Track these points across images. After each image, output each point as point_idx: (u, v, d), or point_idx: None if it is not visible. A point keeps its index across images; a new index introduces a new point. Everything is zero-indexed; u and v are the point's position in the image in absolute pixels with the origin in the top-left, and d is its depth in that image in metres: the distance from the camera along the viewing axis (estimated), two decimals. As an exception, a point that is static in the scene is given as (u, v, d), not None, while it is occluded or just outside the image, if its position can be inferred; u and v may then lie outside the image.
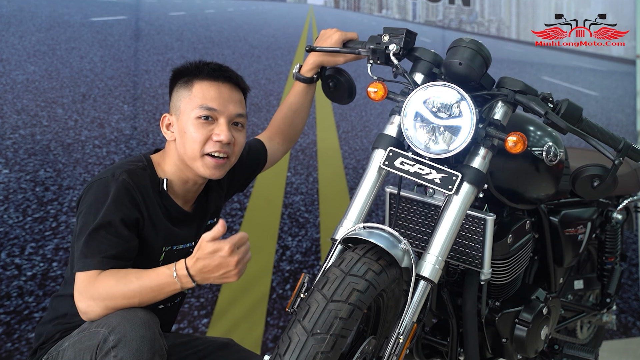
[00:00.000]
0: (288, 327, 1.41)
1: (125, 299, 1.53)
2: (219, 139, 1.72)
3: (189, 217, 1.82)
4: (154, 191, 1.72)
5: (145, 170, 1.72)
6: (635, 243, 4.06)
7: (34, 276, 2.72)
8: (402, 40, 1.74)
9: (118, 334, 1.45)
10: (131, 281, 1.55)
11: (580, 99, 4.03)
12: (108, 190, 1.63)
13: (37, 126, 2.79)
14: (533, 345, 1.97)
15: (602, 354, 2.68)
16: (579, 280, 2.46)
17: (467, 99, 1.58)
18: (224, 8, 3.31)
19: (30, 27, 2.83)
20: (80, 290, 1.56)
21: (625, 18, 4.07)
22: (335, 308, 1.38)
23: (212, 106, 1.73)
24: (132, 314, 1.50)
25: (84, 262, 1.58)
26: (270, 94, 3.26)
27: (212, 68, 1.77)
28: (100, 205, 1.61)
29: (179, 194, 1.79)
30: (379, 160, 1.67)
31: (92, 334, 1.50)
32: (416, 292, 1.52)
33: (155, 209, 1.70)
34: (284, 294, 3.17)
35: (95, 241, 1.59)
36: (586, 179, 1.71)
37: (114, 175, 1.65)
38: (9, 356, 2.65)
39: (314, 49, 1.93)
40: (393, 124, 1.72)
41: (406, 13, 3.71)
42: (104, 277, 1.56)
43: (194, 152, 1.72)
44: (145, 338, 1.45)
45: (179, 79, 1.79)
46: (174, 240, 1.77)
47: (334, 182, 3.35)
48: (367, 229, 1.54)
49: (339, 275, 1.43)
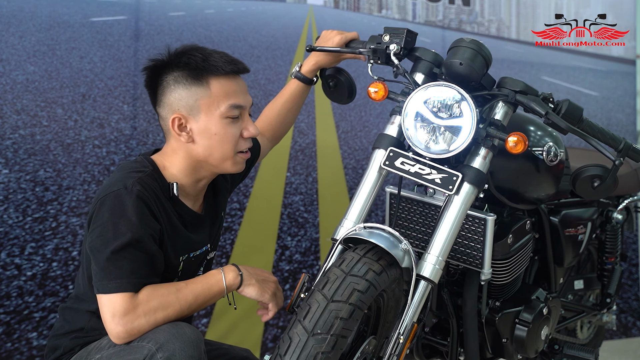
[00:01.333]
0: (289, 327, 1.41)
1: (177, 308, 1.51)
2: (250, 134, 1.69)
3: (201, 219, 1.75)
4: (165, 197, 1.62)
5: (153, 176, 1.62)
6: (635, 243, 4.06)
7: (34, 276, 2.71)
8: (402, 40, 1.73)
9: (167, 352, 1.41)
10: (181, 288, 1.53)
11: (580, 99, 4.03)
12: (124, 204, 1.52)
13: (37, 126, 2.78)
14: (533, 345, 1.98)
15: (602, 354, 2.68)
16: (579, 280, 2.46)
17: (468, 99, 1.58)
18: (223, 8, 3.31)
19: (30, 27, 2.83)
20: (120, 313, 1.46)
21: (625, 18, 4.07)
22: (336, 308, 1.38)
23: (239, 103, 1.67)
24: (180, 331, 1.45)
25: (116, 284, 1.48)
26: (269, 94, 3.26)
27: (226, 61, 1.67)
28: (119, 221, 1.51)
29: (190, 196, 1.71)
30: (379, 160, 1.67)
31: (135, 349, 1.44)
32: (416, 292, 1.52)
33: (170, 217, 1.62)
34: (284, 294, 3.17)
35: (124, 260, 1.49)
36: (586, 179, 1.71)
37: (126, 187, 1.53)
38: (9, 356, 2.65)
39: (315, 49, 1.93)
40: (393, 124, 1.71)
41: (406, 13, 3.71)
42: (149, 291, 1.50)
43: (227, 152, 1.65)
44: (194, 358, 1.43)
45: (177, 72, 1.65)
46: (192, 247, 1.70)
47: (334, 182, 3.35)
48: (367, 229, 1.54)
49: (340, 275, 1.43)
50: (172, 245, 1.62)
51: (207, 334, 2.99)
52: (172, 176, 1.66)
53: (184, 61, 1.65)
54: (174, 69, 1.65)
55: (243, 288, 1.61)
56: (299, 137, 3.30)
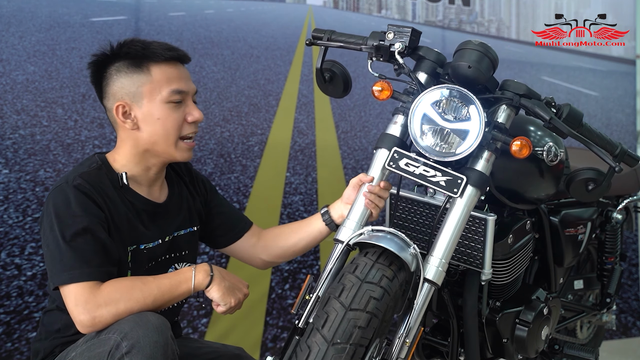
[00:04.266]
0: (306, 335, 1.39)
1: (141, 300, 1.53)
2: (194, 119, 1.72)
3: (161, 208, 1.78)
4: (114, 188, 1.67)
5: (100, 169, 1.67)
6: (635, 243, 4.06)
7: (34, 276, 2.71)
8: (408, 39, 1.70)
9: (131, 339, 1.43)
10: (148, 281, 1.56)
11: (580, 99, 4.04)
12: (67, 197, 1.57)
13: (37, 126, 2.78)
14: (533, 345, 1.98)
15: (602, 354, 2.68)
16: (579, 280, 2.46)
17: (477, 103, 1.57)
18: (223, 8, 3.31)
19: (30, 27, 2.83)
20: (82, 302, 1.50)
21: (625, 18, 4.07)
22: (354, 317, 1.37)
23: (181, 88, 1.70)
24: (143, 319, 1.47)
25: (71, 274, 1.52)
26: (269, 94, 3.26)
27: (165, 48, 1.71)
28: (64, 213, 1.56)
29: (142, 183, 1.74)
30: (382, 160, 1.66)
31: (102, 341, 1.47)
32: (421, 295, 1.52)
33: (117, 208, 1.65)
34: (283, 294, 3.17)
35: (77, 251, 1.53)
36: (581, 182, 1.73)
37: (67, 181, 1.60)
38: (9, 356, 2.65)
39: (315, 43, 1.87)
40: (396, 124, 1.70)
41: (406, 13, 3.71)
42: (113, 282, 1.54)
43: (170, 137, 1.69)
44: (159, 343, 1.44)
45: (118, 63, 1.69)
46: (140, 238, 1.70)
47: (333, 182, 3.35)
48: (375, 232, 1.53)
49: (356, 282, 1.41)
50: (118, 234, 1.64)
51: (206, 334, 2.99)
52: (121, 167, 1.71)
53: (124, 51, 1.70)
54: (115, 61, 1.70)
55: (210, 289, 1.63)
56: (298, 137, 3.30)
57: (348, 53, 1.91)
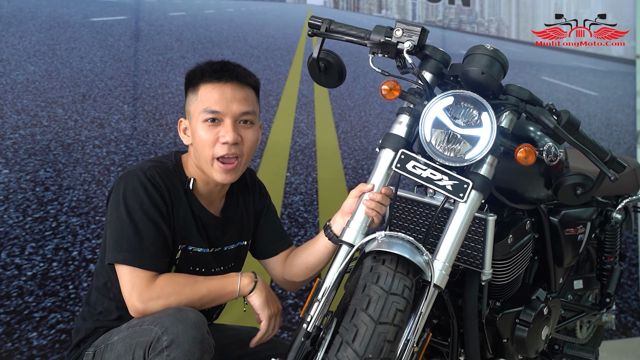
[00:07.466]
0: (334, 349, 1.37)
1: (190, 297, 1.65)
2: (224, 140, 1.74)
3: (215, 221, 1.86)
4: (181, 189, 1.79)
5: (173, 168, 1.79)
6: (635, 243, 4.06)
7: (34, 276, 2.72)
8: (417, 38, 1.67)
9: (171, 334, 1.53)
10: (198, 280, 1.68)
11: (580, 99, 4.04)
12: (139, 182, 1.69)
13: (37, 126, 2.79)
14: (534, 346, 1.98)
15: (602, 354, 2.68)
16: (579, 280, 2.46)
17: (490, 111, 1.57)
18: (223, 8, 3.31)
19: (30, 27, 2.83)
20: (138, 291, 1.63)
21: (625, 18, 4.07)
22: (384, 331, 1.36)
23: (215, 109, 1.75)
24: (183, 315, 1.57)
25: (131, 257, 1.63)
26: (269, 94, 3.26)
27: (215, 69, 1.77)
28: (132, 197, 1.67)
29: (203, 194, 1.83)
30: (387, 160, 1.65)
31: (145, 331, 1.57)
32: (427, 300, 1.51)
33: (180, 206, 1.77)
34: (284, 294, 3.17)
35: (139, 234, 1.65)
36: (569, 187, 1.77)
37: (142, 169, 1.71)
38: (9, 356, 2.65)
39: (316, 34, 1.83)
40: (401, 124, 1.68)
41: (406, 13, 3.71)
42: (169, 277, 1.67)
43: (206, 156, 1.76)
44: (196, 339, 1.53)
45: (190, 82, 1.81)
46: (190, 240, 1.79)
47: (333, 182, 3.35)
48: (388, 237, 1.52)
49: (382, 294, 1.40)
50: (173, 230, 1.75)
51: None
52: (191, 172, 1.83)
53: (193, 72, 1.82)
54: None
55: (252, 295, 1.73)
56: (298, 137, 3.30)
57: (348, 53, 1.90)
